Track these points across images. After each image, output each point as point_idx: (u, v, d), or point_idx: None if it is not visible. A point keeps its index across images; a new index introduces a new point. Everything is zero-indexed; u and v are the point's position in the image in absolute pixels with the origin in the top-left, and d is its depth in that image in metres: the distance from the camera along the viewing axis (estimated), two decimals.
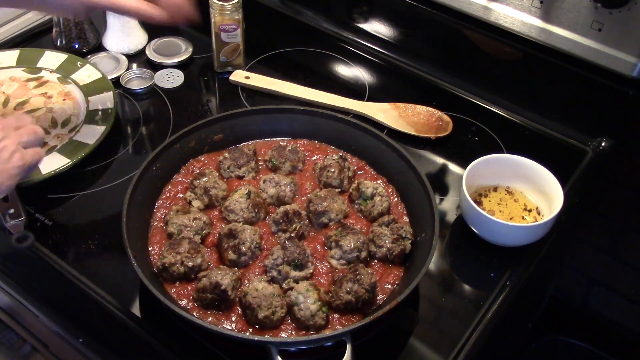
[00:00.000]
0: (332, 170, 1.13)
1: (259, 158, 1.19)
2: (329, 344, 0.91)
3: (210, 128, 1.19)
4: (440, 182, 1.25)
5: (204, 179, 1.10)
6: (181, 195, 1.12)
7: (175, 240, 1.01)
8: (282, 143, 1.20)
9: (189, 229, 1.03)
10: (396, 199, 1.13)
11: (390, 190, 1.14)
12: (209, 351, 0.96)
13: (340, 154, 1.18)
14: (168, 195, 1.12)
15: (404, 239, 1.03)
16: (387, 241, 1.02)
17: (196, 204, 1.09)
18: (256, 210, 1.07)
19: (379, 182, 1.15)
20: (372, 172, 1.18)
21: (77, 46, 1.46)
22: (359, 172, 1.18)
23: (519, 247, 1.11)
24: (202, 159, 1.18)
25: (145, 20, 1.03)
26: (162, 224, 1.07)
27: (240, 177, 1.15)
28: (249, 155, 1.16)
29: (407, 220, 1.10)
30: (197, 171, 1.14)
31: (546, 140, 1.36)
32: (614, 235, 1.59)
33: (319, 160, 1.18)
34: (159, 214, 1.08)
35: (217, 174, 1.13)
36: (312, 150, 1.21)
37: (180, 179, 1.14)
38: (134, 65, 1.46)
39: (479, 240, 1.12)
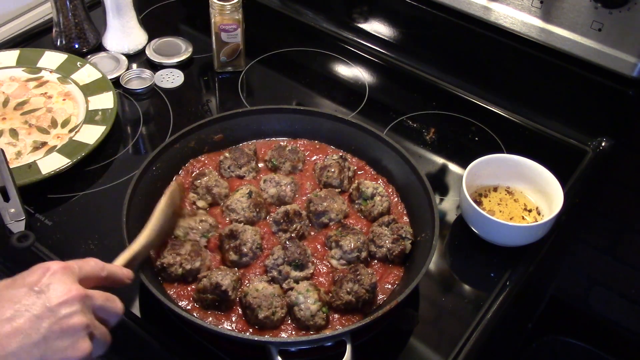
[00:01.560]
0: (332, 170, 1.13)
1: (259, 157, 1.19)
2: (329, 344, 0.91)
3: (210, 128, 1.18)
4: (440, 182, 1.25)
5: (205, 178, 1.10)
6: None
7: (178, 241, 1.01)
8: (282, 143, 1.20)
9: (195, 231, 1.03)
10: (396, 199, 1.13)
11: (390, 190, 1.14)
12: (209, 351, 0.95)
13: (340, 154, 1.18)
14: None
15: (404, 239, 1.03)
16: (387, 241, 1.02)
17: (201, 203, 1.09)
18: (257, 209, 1.07)
19: (379, 182, 1.15)
20: (372, 172, 1.18)
21: (77, 46, 1.46)
22: (359, 172, 1.18)
23: (519, 247, 1.11)
24: (202, 159, 1.18)
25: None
26: None
27: (241, 177, 1.15)
28: (249, 155, 1.16)
29: (407, 220, 1.10)
30: (197, 171, 1.14)
31: (546, 140, 1.36)
32: (614, 235, 1.59)
33: (319, 160, 1.18)
34: None
35: (216, 173, 1.13)
36: (312, 150, 1.21)
37: (180, 180, 1.14)
38: (134, 65, 1.46)
39: (479, 240, 1.12)
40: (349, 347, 0.88)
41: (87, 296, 0.71)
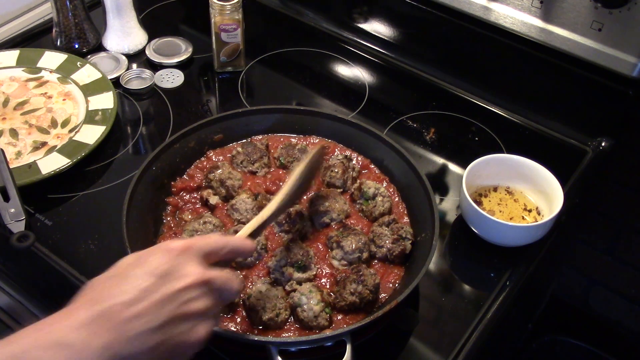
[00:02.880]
0: (336, 170, 1.13)
1: (270, 152, 1.19)
2: (329, 344, 0.91)
3: (210, 128, 1.18)
4: (440, 182, 1.25)
5: (218, 171, 1.10)
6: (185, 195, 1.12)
7: None
8: (292, 140, 1.20)
9: (199, 233, 1.03)
10: (397, 199, 1.13)
11: (391, 189, 1.14)
12: (209, 352, 0.95)
13: (346, 153, 1.18)
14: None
15: (404, 239, 1.02)
16: (387, 241, 1.02)
17: (214, 200, 1.09)
18: None
19: (383, 182, 1.15)
20: (377, 172, 1.17)
21: (77, 46, 1.46)
22: (363, 172, 1.17)
23: (519, 247, 1.11)
24: (210, 154, 1.17)
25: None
26: (172, 223, 1.07)
27: (253, 173, 1.14)
28: (261, 150, 1.16)
29: (408, 220, 1.10)
30: (210, 165, 1.14)
31: (546, 140, 1.36)
32: (614, 235, 1.59)
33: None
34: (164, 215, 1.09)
35: (229, 165, 1.14)
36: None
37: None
38: (134, 65, 1.46)
39: (479, 240, 1.12)
40: (349, 347, 0.88)
41: (207, 281, 0.70)
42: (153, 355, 0.65)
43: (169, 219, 1.08)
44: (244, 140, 1.19)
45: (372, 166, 1.18)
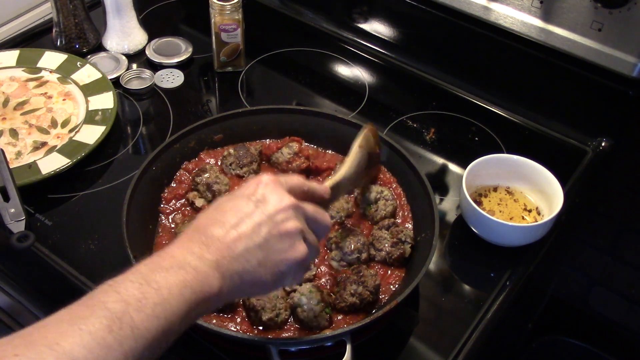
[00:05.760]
0: None
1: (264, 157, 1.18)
2: (329, 344, 0.91)
3: (210, 128, 1.18)
4: (440, 182, 1.25)
5: (206, 174, 1.10)
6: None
7: None
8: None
9: None
10: (404, 201, 1.12)
11: (399, 191, 1.13)
12: (209, 352, 0.95)
13: None
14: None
15: (403, 242, 1.02)
16: (386, 245, 1.02)
17: (200, 202, 1.09)
18: None
19: (392, 185, 1.14)
20: (388, 175, 1.16)
21: (77, 46, 1.46)
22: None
23: (519, 247, 1.11)
24: (202, 156, 1.17)
25: None
26: (170, 224, 1.07)
27: (240, 177, 1.14)
28: (253, 155, 1.16)
29: (411, 223, 1.09)
30: (198, 168, 1.14)
31: (546, 140, 1.36)
32: (614, 235, 1.59)
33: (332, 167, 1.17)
34: (163, 216, 1.08)
35: (217, 168, 1.13)
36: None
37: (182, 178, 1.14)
38: (134, 65, 1.46)
39: (479, 240, 1.12)
40: (349, 347, 0.88)
41: (298, 205, 0.77)
42: (262, 270, 0.73)
43: (164, 221, 1.09)
44: (239, 144, 1.19)
45: (383, 169, 1.16)
